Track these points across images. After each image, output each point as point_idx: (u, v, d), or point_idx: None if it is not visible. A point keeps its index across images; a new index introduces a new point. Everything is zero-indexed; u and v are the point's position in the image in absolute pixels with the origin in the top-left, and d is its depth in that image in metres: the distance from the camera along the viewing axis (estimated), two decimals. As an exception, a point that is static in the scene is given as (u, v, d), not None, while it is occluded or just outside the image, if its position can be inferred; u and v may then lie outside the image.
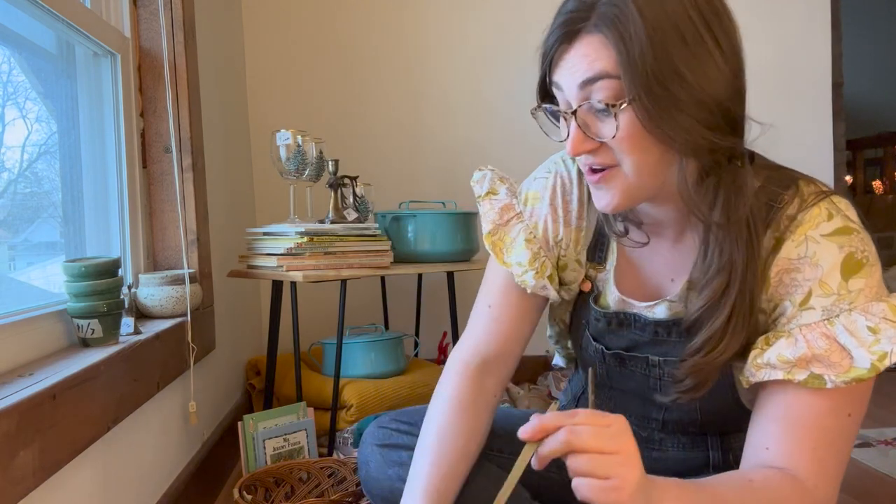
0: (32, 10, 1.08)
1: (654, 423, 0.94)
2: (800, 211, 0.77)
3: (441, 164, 2.34)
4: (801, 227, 0.76)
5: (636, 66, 0.68)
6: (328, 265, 1.62)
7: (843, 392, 0.73)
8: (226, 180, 1.89)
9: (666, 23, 0.68)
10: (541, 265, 0.90)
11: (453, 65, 2.35)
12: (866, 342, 0.71)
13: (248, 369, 2.07)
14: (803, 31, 2.43)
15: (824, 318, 0.73)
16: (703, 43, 0.70)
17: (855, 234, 0.75)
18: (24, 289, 1.18)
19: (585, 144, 0.73)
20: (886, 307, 0.72)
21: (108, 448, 1.01)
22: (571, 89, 0.73)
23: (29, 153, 1.21)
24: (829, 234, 0.75)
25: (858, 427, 0.76)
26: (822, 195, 0.77)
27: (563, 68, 0.73)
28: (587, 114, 0.73)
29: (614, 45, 0.69)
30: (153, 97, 1.45)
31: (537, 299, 0.94)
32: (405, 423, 0.96)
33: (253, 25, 2.31)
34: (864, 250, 0.74)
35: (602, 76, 0.70)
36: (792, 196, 0.78)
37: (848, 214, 0.76)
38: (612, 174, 0.75)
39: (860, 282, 0.73)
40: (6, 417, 0.70)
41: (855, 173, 5.02)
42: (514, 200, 0.95)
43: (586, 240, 0.92)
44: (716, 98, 0.71)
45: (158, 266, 1.47)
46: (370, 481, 0.93)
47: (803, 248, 0.75)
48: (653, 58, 0.68)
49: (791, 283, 0.76)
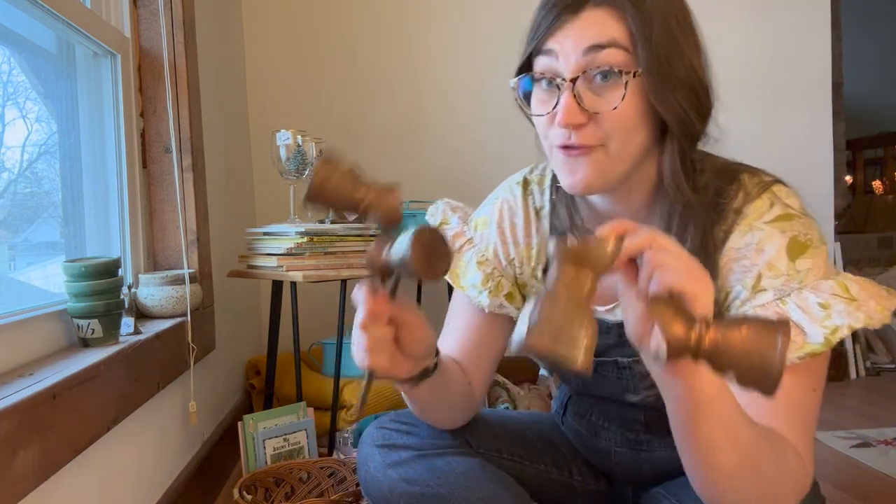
0: (32, 10, 1.08)
1: (639, 426, 0.94)
2: (744, 204, 0.79)
3: (441, 163, 2.34)
4: (746, 219, 0.78)
5: (649, 40, 0.71)
6: (328, 265, 1.62)
7: (802, 368, 0.73)
8: (226, 180, 1.90)
9: (669, 8, 0.74)
10: (495, 285, 0.93)
11: (454, 64, 2.35)
12: (818, 318, 0.73)
13: (248, 369, 2.07)
14: (803, 31, 2.43)
15: (776, 297, 0.75)
16: (692, 30, 0.78)
17: (796, 219, 0.77)
18: (24, 289, 1.18)
19: (577, 116, 0.73)
20: (835, 284, 0.74)
21: (108, 448, 1.01)
22: (573, 55, 0.73)
23: (29, 153, 1.21)
24: (771, 221, 0.77)
25: (820, 403, 0.77)
26: (763, 186, 0.80)
27: (564, 35, 0.73)
28: (585, 84, 0.73)
29: (630, 16, 0.72)
30: (153, 97, 1.45)
31: (502, 318, 0.95)
32: (405, 423, 0.96)
33: (253, 25, 2.31)
34: (806, 234, 0.76)
35: (612, 44, 0.72)
36: (736, 190, 0.80)
37: (788, 202, 0.78)
38: (589, 152, 0.75)
39: (807, 262, 0.75)
40: (6, 417, 0.70)
41: (855, 173, 5.02)
42: (464, 228, 0.98)
43: (540, 255, 0.94)
44: (702, 84, 0.77)
45: (158, 266, 1.47)
46: (370, 482, 0.93)
47: (749, 236, 0.77)
48: (663, 34, 0.72)
49: (740, 270, 0.78)
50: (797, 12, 2.42)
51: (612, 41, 0.72)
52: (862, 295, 0.73)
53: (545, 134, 0.78)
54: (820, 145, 2.44)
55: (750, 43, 2.42)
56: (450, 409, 0.92)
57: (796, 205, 0.79)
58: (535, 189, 0.95)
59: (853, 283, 0.74)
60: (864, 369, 2.51)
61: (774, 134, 2.42)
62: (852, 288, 0.74)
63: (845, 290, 0.74)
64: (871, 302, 0.73)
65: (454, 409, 0.93)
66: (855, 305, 0.72)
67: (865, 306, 0.73)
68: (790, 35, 2.43)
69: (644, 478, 0.95)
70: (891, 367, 2.59)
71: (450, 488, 0.87)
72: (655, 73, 0.72)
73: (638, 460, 0.95)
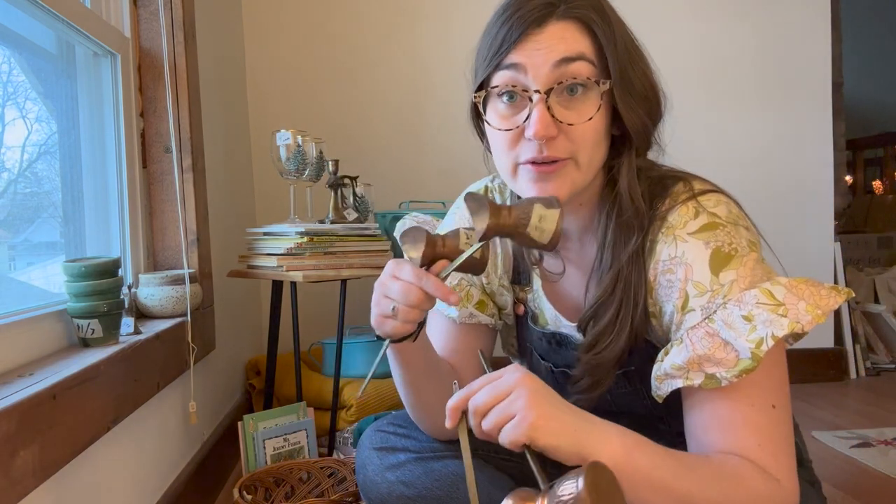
0: (32, 10, 1.08)
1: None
2: (668, 211, 0.78)
3: (441, 164, 2.34)
4: (671, 228, 0.77)
5: (614, 52, 0.74)
6: (328, 265, 1.62)
7: (747, 385, 0.71)
8: (226, 180, 1.90)
9: (621, 22, 0.78)
10: (464, 296, 0.94)
11: (453, 64, 2.34)
12: (743, 332, 0.70)
13: (248, 369, 2.07)
14: (803, 31, 2.43)
15: (704, 316, 0.73)
16: (640, 46, 0.80)
17: (721, 229, 0.75)
18: (24, 289, 1.18)
19: (551, 128, 0.73)
20: (759, 292, 0.71)
21: (108, 448, 1.01)
22: (543, 68, 0.73)
23: (29, 153, 1.21)
24: (695, 232, 0.76)
25: (789, 414, 0.75)
26: (691, 194, 0.79)
27: (532, 48, 0.73)
28: (555, 97, 0.74)
29: (598, 29, 0.73)
30: (153, 97, 1.45)
31: (477, 328, 0.96)
32: (402, 426, 0.96)
33: (253, 25, 2.31)
34: (730, 243, 0.74)
35: (581, 57, 0.73)
36: (665, 199, 0.80)
37: (714, 211, 0.77)
38: (563, 166, 0.75)
39: (731, 273, 0.73)
40: (6, 417, 0.70)
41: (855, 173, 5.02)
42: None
43: (505, 265, 0.95)
44: (654, 93, 0.79)
45: (158, 266, 1.47)
46: (368, 485, 0.93)
47: (673, 248, 0.76)
48: (623, 47, 0.75)
49: (667, 285, 0.77)
50: (797, 12, 2.42)
51: (580, 54, 0.73)
52: (790, 298, 0.70)
53: (508, 150, 0.77)
54: (820, 145, 2.44)
55: (750, 43, 2.42)
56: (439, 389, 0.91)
57: (723, 213, 0.77)
58: (496, 198, 0.96)
59: (780, 288, 0.71)
60: (864, 369, 2.51)
61: (774, 134, 2.42)
62: (778, 293, 0.70)
63: (770, 296, 0.70)
64: (800, 304, 0.69)
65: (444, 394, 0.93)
66: (782, 311, 0.69)
67: (794, 310, 0.69)
68: (790, 35, 2.42)
69: None
70: (891, 367, 2.59)
71: (447, 491, 0.87)
72: (621, 85, 0.74)
73: None
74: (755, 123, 2.41)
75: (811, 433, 1.89)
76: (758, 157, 2.39)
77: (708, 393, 0.73)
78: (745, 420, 0.72)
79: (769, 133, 2.42)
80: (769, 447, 0.71)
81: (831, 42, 2.43)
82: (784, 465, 0.72)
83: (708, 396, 0.73)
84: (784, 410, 0.74)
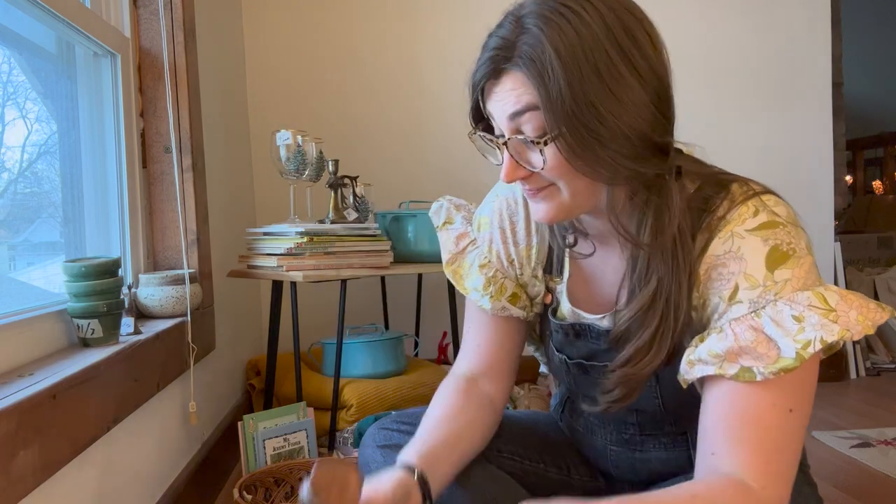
0: (32, 10, 1.08)
1: (632, 428, 0.94)
2: (728, 210, 0.77)
3: (441, 164, 2.34)
4: (728, 224, 0.77)
5: (556, 105, 0.69)
6: (328, 265, 1.62)
7: (777, 385, 0.71)
8: (226, 180, 1.90)
9: (582, 60, 0.69)
10: (497, 288, 0.94)
11: (453, 64, 2.34)
12: (791, 331, 0.70)
13: (248, 369, 2.07)
14: (803, 30, 2.43)
15: (751, 310, 0.73)
16: (621, 77, 0.70)
17: (781, 228, 0.75)
18: (24, 289, 1.19)
19: (518, 172, 0.76)
20: (812, 294, 0.71)
21: (108, 448, 1.01)
22: (502, 120, 0.75)
23: (29, 153, 1.21)
24: (754, 229, 0.75)
25: (804, 424, 0.74)
26: (751, 194, 0.78)
27: (493, 100, 0.75)
28: (518, 143, 0.75)
29: (534, 84, 0.70)
30: (153, 97, 1.45)
31: (509, 320, 0.96)
32: (406, 423, 0.96)
33: (253, 25, 2.31)
34: (789, 242, 0.74)
35: (529, 108, 0.72)
36: (723, 199, 0.79)
37: (775, 210, 0.76)
38: (550, 191, 0.77)
39: (786, 272, 0.73)
40: (6, 417, 0.70)
41: (855, 173, 5.02)
42: (468, 228, 0.98)
43: (540, 255, 0.94)
44: (637, 129, 0.71)
45: (158, 266, 1.47)
46: (371, 483, 0.93)
47: (729, 243, 0.76)
48: (570, 97, 0.68)
49: (718, 278, 0.76)
50: (797, 12, 2.42)
51: (528, 106, 0.71)
52: (842, 306, 0.70)
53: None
54: (820, 145, 2.44)
55: (750, 43, 2.42)
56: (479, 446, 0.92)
57: (784, 213, 0.77)
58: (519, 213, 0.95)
59: (833, 294, 0.71)
60: (864, 369, 2.51)
61: (775, 134, 2.42)
62: (831, 299, 0.71)
63: (823, 301, 0.71)
64: (851, 313, 0.70)
65: (483, 442, 0.93)
66: (833, 317, 0.70)
67: (845, 318, 0.70)
68: (790, 35, 2.43)
69: (640, 477, 0.95)
70: (891, 367, 2.59)
71: (450, 488, 0.87)
72: (568, 135, 0.70)
73: (633, 460, 0.95)
74: (755, 123, 2.41)
75: (811, 433, 1.89)
76: (758, 157, 2.39)
77: (735, 385, 0.73)
78: (759, 418, 0.72)
79: (769, 133, 2.42)
80: (767, 452, 0.71)
81: (831, 42, 2.44)
82: (776, 472, 0.71)
83: (734, 389, 0.73)
84: (799, 416, 0.73)
